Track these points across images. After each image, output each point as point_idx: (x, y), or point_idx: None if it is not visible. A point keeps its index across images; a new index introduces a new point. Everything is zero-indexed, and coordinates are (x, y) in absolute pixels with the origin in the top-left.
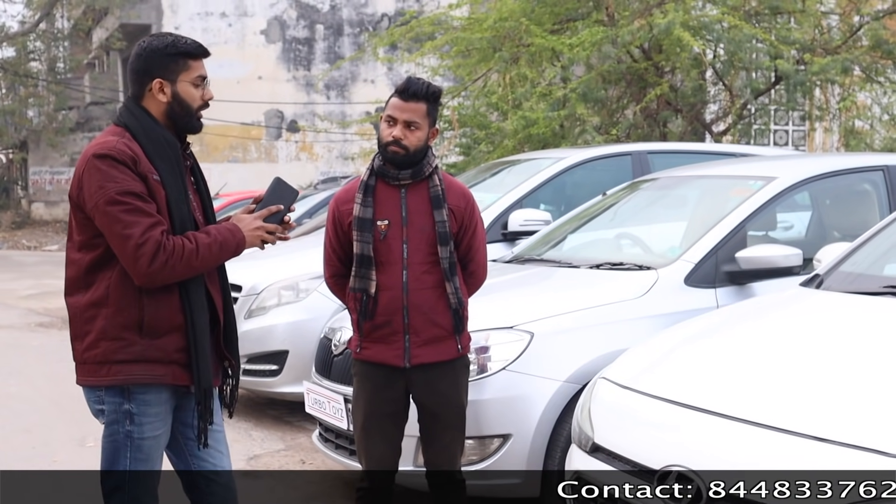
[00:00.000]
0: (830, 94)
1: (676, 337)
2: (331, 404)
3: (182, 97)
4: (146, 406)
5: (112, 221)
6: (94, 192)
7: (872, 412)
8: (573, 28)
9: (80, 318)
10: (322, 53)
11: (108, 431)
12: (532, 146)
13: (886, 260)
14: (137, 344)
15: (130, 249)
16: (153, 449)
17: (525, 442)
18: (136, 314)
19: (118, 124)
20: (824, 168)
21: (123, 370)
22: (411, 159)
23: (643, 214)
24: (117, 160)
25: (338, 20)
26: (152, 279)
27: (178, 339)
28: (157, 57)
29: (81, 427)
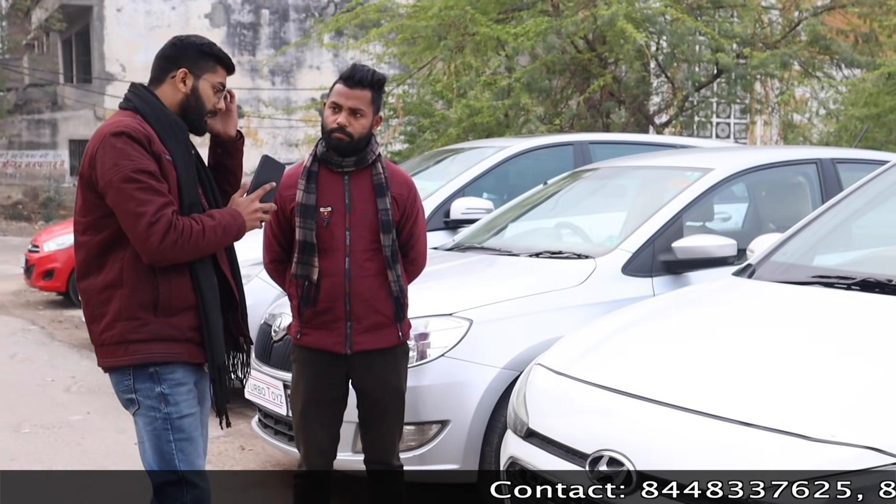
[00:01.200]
0: (770, 88)
1: (611, 325)
2: (270, 390)
3: (200, 94)
4: (177, 385)
5: (126, 199)
6: (108, 168)
7: (796, 398)
8: (518, 18)
9: (95, 300)
10: (267, 38)
11: (145, 420)
12: (476, 135)
13: (816, 251)
14: (152, 323)
15: (143, 227)
16: (193, 427)
17: (463, 428)
18: (150, 294)
19: (127, 108)
20: (760, 160)
21: (141, 349)
22: (355, 146)
23: (583, 204)
24: (133, 138)
25: (283, 5)
26: (161, 257)
27: (191, 318)
28: (192, 50)
29: (17, 412)
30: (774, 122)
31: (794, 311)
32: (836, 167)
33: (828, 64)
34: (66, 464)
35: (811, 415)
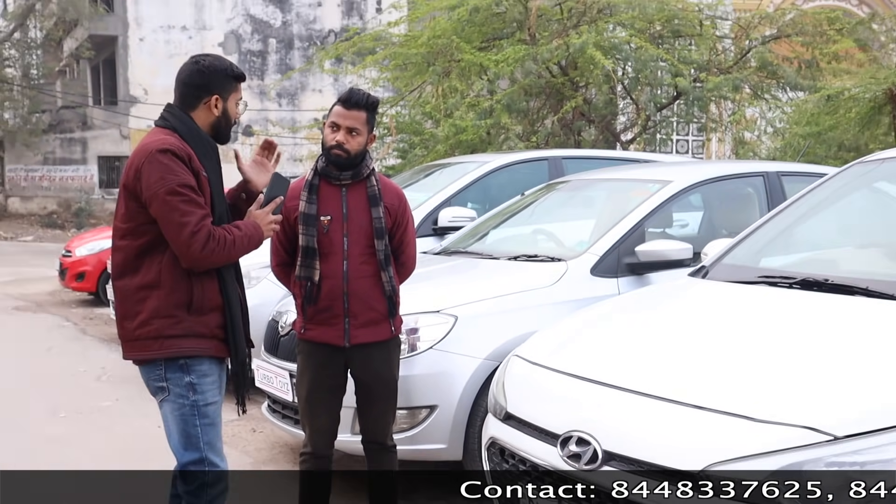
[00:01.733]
0: (723, 109)
1: (581, 320)
2: (278, 379)
3: (228, 113)
4: (204, 376)
5: (170, 209)
6: (154, 181)
7: (743, 384)
8: (499, 46)
9: (131, 299)
10: (274, 65)
11: (173, 406)
12: (461, 151)
13: (762, 254)
14: (186, 321)
15: (186, 235)
16: (216, 413)
17: (449, 412)
18: (185, 295)
19: (165, 127)
20: (713, 173)
21: (175, 344)
22: (352, 162)
23: (556, 213)
24: (176, 155)
25: (289, 35)
26: (200, 263)
27: (217, 317)
28: (220, 77)
29: (54, 399)
30: (727, 139)
31: (742, 307)
32: (780, 179)
33: (774, 87)
34: (98, 445)
35: (756, 398)
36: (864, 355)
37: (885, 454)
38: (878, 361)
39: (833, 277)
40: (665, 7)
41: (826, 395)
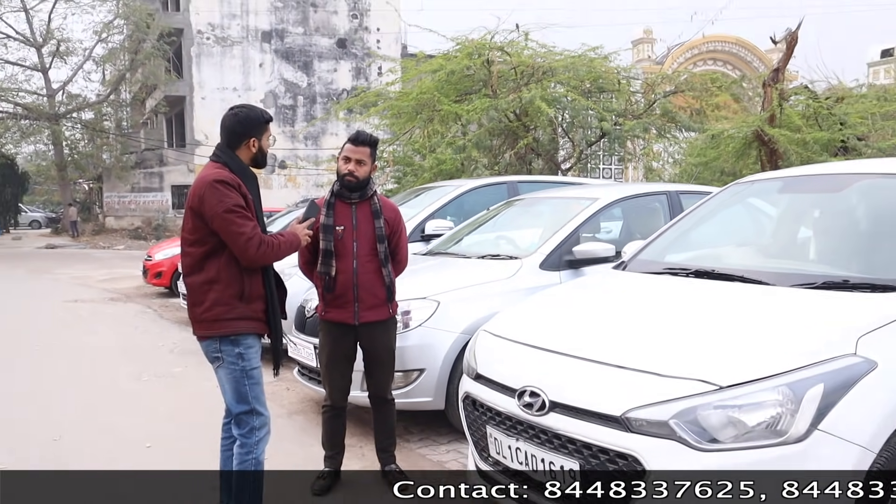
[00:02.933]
0: (636, 145)
1: (533, 303)
2: (305, 350)
3: (263, 149)
4: (250, 348)
5: (229, 223)
6: (214, 204)
7: (652, 347)
8: (469, 99)
9: (198, 291)
10: (301, 115)
11: (226, 372)
12: (442, 178)
13: (666, 252)
14: (239, 307)
15: (243, 241)
16: (259, 375)
17: (434, 373)
18: (239, 287)
19: (217, 162)
20: (630, 192)
21: (231, 325)
22: (360, 185)
23: (514, 222)
24: (230, 184)
25: (312, 92)
26: (255, 261)
27: (261, 304)
28: (255, 124)
29: (138, 366)
30: (640, 167)
31: (652, 291)
32: (679, 197)
33: (674, 129)
34: (171, 399)
35: (662, 359)
36: (741, 326)
37: (755, 399)
38: (751, 330)
39: (718, 269)
40: (593, 70)
41: (714, 355)
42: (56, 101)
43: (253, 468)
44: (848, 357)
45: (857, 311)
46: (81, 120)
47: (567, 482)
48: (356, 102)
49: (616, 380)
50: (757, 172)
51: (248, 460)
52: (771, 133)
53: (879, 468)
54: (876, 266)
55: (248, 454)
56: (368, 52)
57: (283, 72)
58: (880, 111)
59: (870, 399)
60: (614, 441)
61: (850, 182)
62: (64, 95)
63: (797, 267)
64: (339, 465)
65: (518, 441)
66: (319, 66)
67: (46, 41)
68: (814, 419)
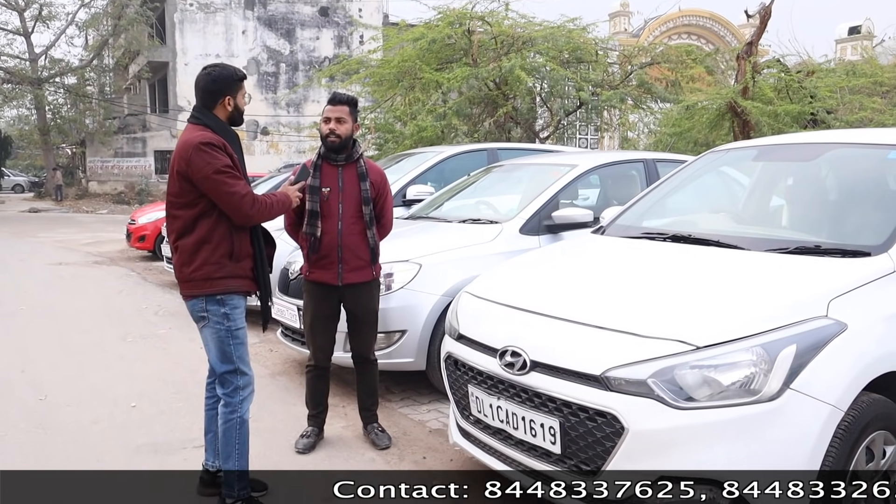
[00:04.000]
0: (613, 115)
1: (513, 266)
2: (288, 311)
3: (238, 107)
4: (235, 308)
5: (220, 184)
6: (203, 166)
7: (631, 309)
8: (450, 67)
9: (188, 251)
10: (284, 82)
11: (211, 331)
12: (423, 144)
13: (643, 218)
14: (228, 266)
15: (237, 200)
16: (244, 335)
17: (416, 335)
18: (229, 246)
19: (198, 124)
20: (607, 160)
21: (220, 283)
22: (343, 145)
23: (494, 188)
24: (216, 145)
25: (295, 60)
26: (249, 220)
27: (249, 262)
28: (228, 82)
29: (123, 327)
30: (616, 137)
31: (630, 255)
32: (655, 164)
33: (649, 100)
34: (156, 360)
35: (640, 320)
36: (716, 288)
37: (730, 359)
38: (726, 293)
39: (694, 233)
40: (571, 41)
41: (691, 317)
42: (39, 66)
43: (238, 427)
44: (819, 319)
45: (829, 276)
46: (64, 85)
47: (547, 439)
48: (338, 70)
49: (596, 340)
50: (730, 142)
51: (233, 419)
52: (744, 105)
53: (847, 425)
54: (846, 232)
55: (233, 413)
56: (351, 21)
57: (266, 39)
58: (848, 85)
59: (840, 359)
60: (594, 399)
61: (821, 151)
62: (46, 60)
63: (771, 232)
64: (323, 423)
65: (499, 400)
66: (302, 34)
67: (29, 5)
68: (786, 378)
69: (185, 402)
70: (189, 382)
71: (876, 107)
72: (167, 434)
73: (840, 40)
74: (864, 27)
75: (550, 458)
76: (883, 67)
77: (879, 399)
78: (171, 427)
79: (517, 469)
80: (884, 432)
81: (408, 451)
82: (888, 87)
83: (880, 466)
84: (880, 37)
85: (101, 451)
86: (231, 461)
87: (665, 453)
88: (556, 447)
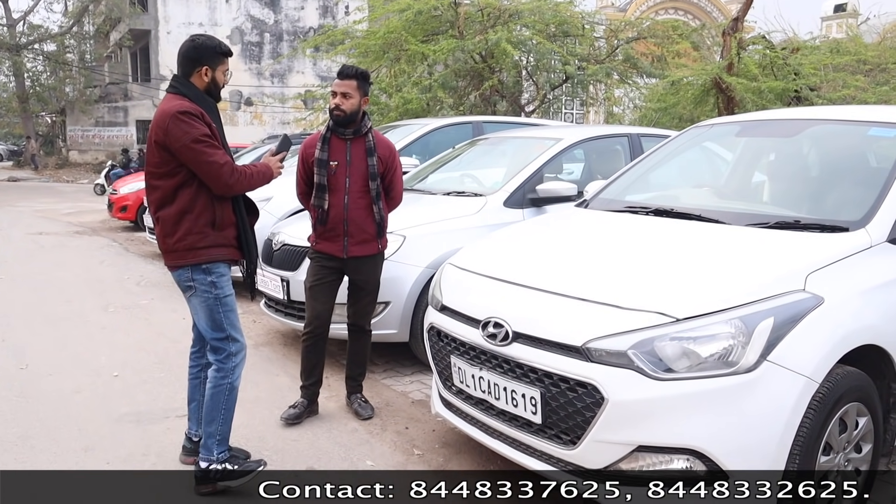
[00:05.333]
0: (598, 90)
1: (497, 238)
2: (272, 283)
3: (216, 81)
4: (221, 276)
5: (198, 153)
6: (181, 135)
7: (613, 281)
8: (436, 39)
9: (170, 221)
10: (268, 52)
11: (199, 300)
12: (408, 117)
13: (627, 192)
14: (211, 235)
15: (216, 168)
16: (233, 302)
17: (399, 306)
18: (210, 215)
19: (176, 93)
20: (592, 134)
21: (204, 253)
22: (350, 119)
23: (479, 161)
24: (193, 114)
25: (279, 30)
26: (229, 189)
27: (233, 231)
28: (209, 53)
29: (105, 298)
30: (601, 112)
31: (613, 228)
32: (640, 139)
33: (635, 75)
34: (139, 330)
35: (622, 292)
36: (697, 262)
37: (709, 331)
38: (706, 266)
39: (676, 207)
40: (558, 15)
41: (671, 289)
42: (17, 32)
43: (227, 393)
44: (797, 293)
45: (807, 250)
46: (43, 52)
47: (528, 409)
48: (323, 40)
49: (577, 311)
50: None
51: (223, 385)
52: (729, 81)
53: (822, 397)
54: (825, 207)
55: (224, 378)
56: None
57: (250, 8)
58: (832, 63)
59: (816, 332)
60: (575, 370)
61: (803, 128)
62: (25, 26)
63: (752, 207)
64: (316, 396)
65: (481, 370)
66: (287, 4)
67: None
68: (763, 351)
69: (167, 372)
70: (171, 352)
71: (859, 84)
72: (150, 403)
73: (826, 17)
74: (849, 5)
75: (531, 428)
76: (867, 46)
77: (853, 372)
78: (153, 396)
79: (499, 440)
80: (857, 404)
81: (390, 422)
82: (871, 66)
83: (852, 437)
84: (865, 15)
85: (84, 419)
86: (214, 425)
87: (644, 424)
88: (537, 417)
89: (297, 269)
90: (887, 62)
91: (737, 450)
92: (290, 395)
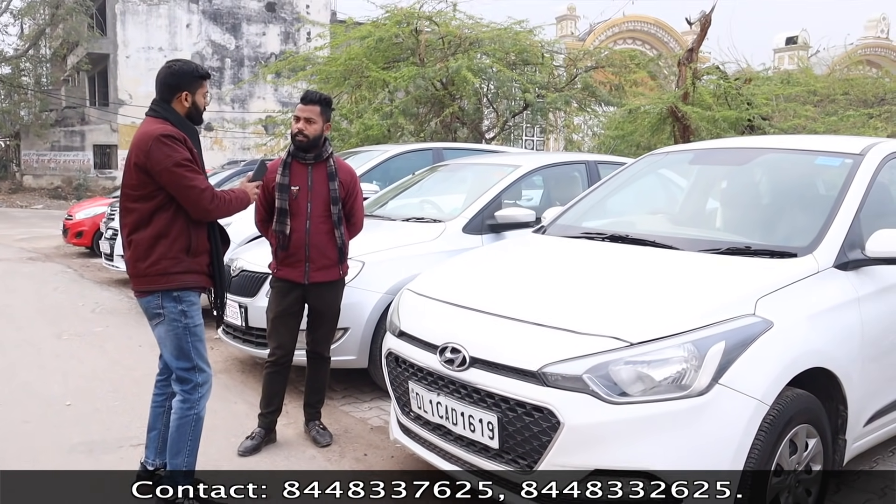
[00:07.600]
0: (558, 117)
1: (455, 264)
2: (230, 309)
3: (197, 105)
4: (192, 305)
5: (179, 177)
6: (162, 159)
7: (569, 306)
8: (397, 66)
9: (144, 246)
10: (229, 78)
11: (168, 328)
12: (369, 143)
13: (583, 218)
14: (185, 261)
15: (196, 193)
16: (201, 331)
17: (358, 332)
18: (186, 241)
19: (158, 117)
20: (550, 161)
21: (177, 279)
22: (312, 144)
23: (439, 187)
24: (176, 139)
25: (240, 55)
26: (208, 215)
27: (206, 258)
28: (188, 78)
29: (58, 325)
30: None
31: (570, 254)
32: (597, 166)
33: (594, 103)
34: (93, 359)
35: (577, 317)
36: (651, 287)
37: (663, 355)
38: (660, 291)
39: (631, 234)
40: (518, 43)
41: (625, 314)
42: None
43: (192, 424)
44: (748, 317)
45: (757, 275)
46: None
47: (485, 434)
48: (284, 66)
49: (534, 336)
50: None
51: (189, 416)
52: (684, 109)
53: (772, 419)
54: (775, 234)
55: (190, 409)
56: (298, 17)
57: (211, 33)
58: (784, 93)
59: (766, 356)
60: (531, 395)
61: (754, 156)
62: None
63: (704, 234)
64: (273, 425)
65: (439, 396)
66: (248, 29)
67: None
68: (715, 374)
69: (121, 401)
70: (126, 381)
71: (809, 114)
72: (103, 433)
73: (778, 49)
74: (800, 38)
75: (489, 454)
76: (817, 77)
77: (803, 394)
78: (107, 426)
79: (457, 465)
80: (806, 426)
81: (349, 449)
82: (821, 97)
83: (802, 459)
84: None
85: (35, 450)
86: (181, 457)
87: (599, 447)
88: (495, 442)
89: (256, 296)
90: (836, 93)
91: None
92: (248, 423)
